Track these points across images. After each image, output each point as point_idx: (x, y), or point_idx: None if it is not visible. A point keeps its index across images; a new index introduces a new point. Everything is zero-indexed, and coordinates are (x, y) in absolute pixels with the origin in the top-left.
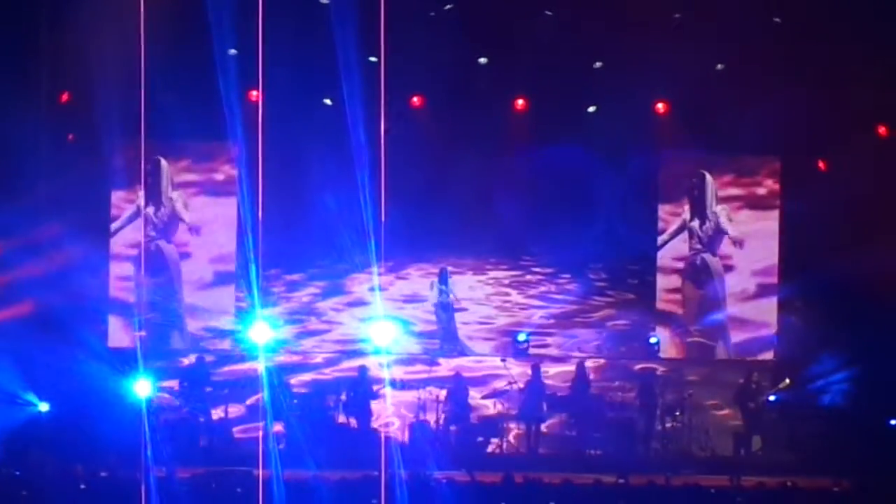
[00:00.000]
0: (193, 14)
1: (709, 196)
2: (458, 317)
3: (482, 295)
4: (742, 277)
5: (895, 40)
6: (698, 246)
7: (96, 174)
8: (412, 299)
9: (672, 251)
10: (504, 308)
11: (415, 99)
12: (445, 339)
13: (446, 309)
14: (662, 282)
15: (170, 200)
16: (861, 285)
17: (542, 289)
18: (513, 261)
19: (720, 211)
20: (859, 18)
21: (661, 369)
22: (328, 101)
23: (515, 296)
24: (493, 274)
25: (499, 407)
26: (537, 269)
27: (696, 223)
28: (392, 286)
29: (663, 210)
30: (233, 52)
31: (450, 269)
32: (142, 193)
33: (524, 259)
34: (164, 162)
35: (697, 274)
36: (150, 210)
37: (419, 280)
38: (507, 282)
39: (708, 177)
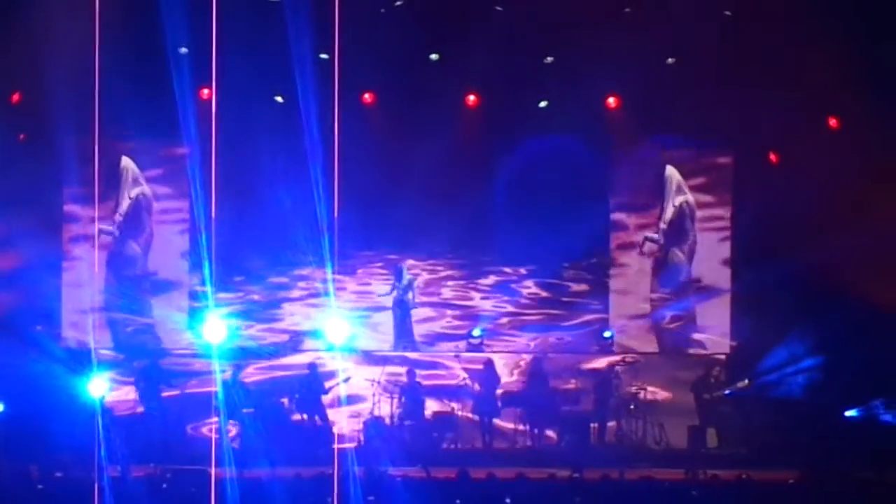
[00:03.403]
0: (145, 12)
1: (670, 188)
2: (413, 313)
3: (436, 291)
4: (695, 271)
5: (845, 32)
6: (661, 239)
7: (49, 173)
8: (366, 296)
9: (630, 243)
10: (459, 304)
11: (366, 95)
12: (400, 336)
13: (401, 306)
14: (618, 274)
15: (131, 199)
16: (813, 277)
17: (497, 284)
18: (467, 256)
19: (682, 202)
20: (810, 10)
21: (615, 363)
22: (279, 99)
23: (470, 291)
24: (446, 270)
25: (453, 403)
26: (492, 265)
27: (665, 215)
28: (345, 283)
29: (615, 204)
30: (184, 50)
31: (408, 263)
32: (97, 192)
33: (478, 255)
34: (126, 160)
35: (658, 267)
36: (112, 208)
37: (372, 277)
38: (461, 277)
39: (669, 169)
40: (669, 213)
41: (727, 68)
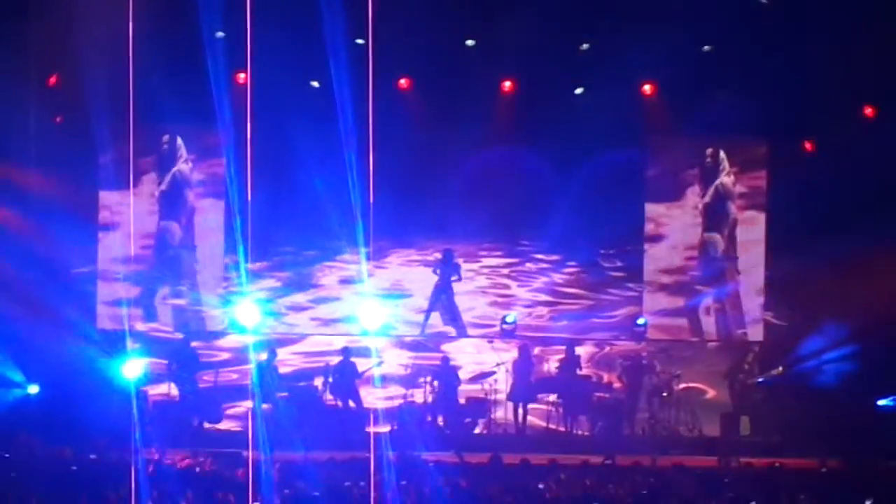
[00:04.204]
0: None
1: (721, 169)
2: (457, 299)
3: (471, 277)
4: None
5: (880, 21)
6: (704, 222)
7: (84, 156)
8: (400, 281)
9: (662, 234)
10: (493, 289)
11: (402, 81)
12: (446, 320)
13: (445, 291)
14: (652, 262)
15: (174, 178)
16: (849, 266)
17: (532, 270)
18: (502, 243)
19: (718, 184)
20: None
21: (648, 350)
22: (315, 84)
23: (504, 277)
24: (482, 255)
25: (486, 388)
26: (527, 252)
27: (704, 199)
28: (379, 269)
29: (650, 193)
30: (220, 34)
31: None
32: (130, 175)
33: (513, 241)
34: (179, 140)
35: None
36: (156, 188)
37: (406, 263)
38: (496, 263)
39: (721, 153)
40: (710, 195)
41: (763, 56)
